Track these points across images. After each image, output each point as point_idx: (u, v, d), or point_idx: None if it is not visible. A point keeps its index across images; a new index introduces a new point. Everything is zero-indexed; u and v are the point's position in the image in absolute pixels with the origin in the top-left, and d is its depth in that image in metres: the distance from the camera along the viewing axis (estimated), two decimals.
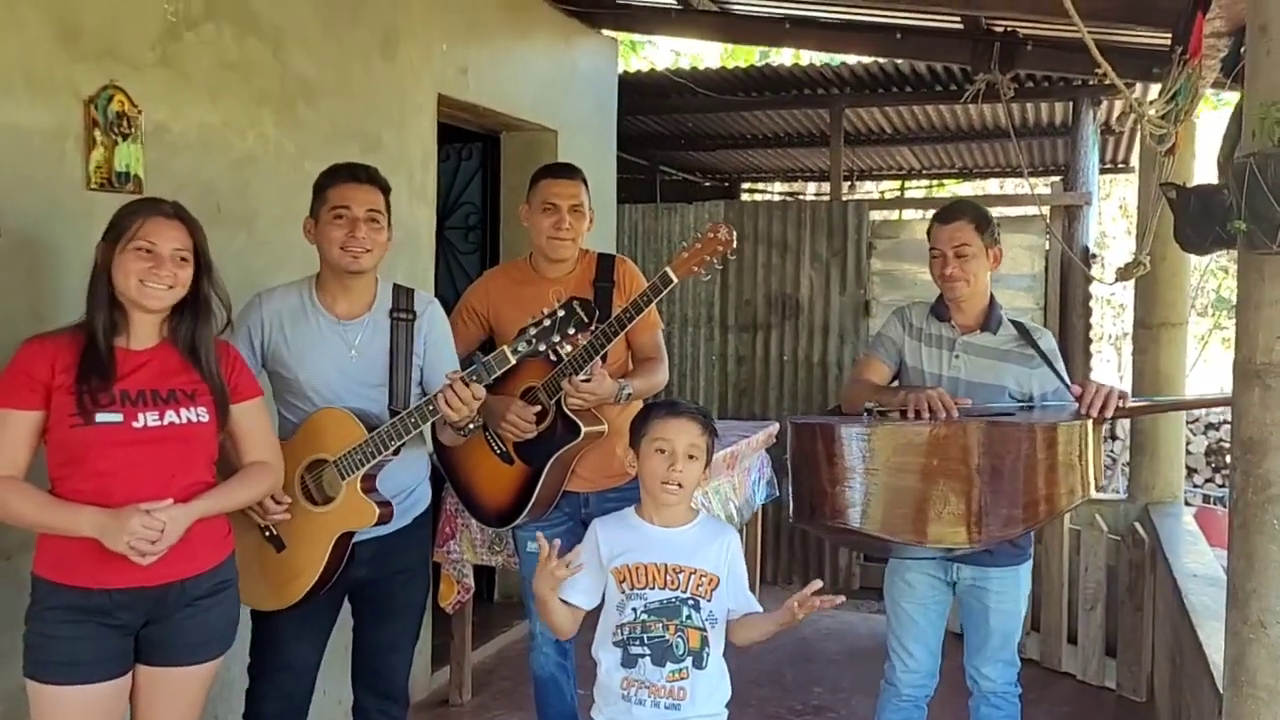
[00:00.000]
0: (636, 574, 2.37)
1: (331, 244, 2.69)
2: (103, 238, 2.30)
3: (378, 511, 2.65)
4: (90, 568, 2.22)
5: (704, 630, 2.36)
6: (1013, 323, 3.05)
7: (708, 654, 2.36)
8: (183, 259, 2.31)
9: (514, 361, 2.59)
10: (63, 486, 2.25)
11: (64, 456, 2.24)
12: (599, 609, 2.43)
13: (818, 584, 2.31)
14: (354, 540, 2.70)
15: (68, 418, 2.21)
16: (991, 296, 3.06)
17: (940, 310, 3.07)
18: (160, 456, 2.28)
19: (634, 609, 2.35)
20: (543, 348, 2.57)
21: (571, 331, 2.55)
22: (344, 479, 2.63)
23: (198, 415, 2.34)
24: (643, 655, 2.34)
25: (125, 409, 2.25)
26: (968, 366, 2.98)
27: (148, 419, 2.27)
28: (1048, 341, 3.01)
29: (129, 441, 2.25)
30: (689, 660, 2.34)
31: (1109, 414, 2.72)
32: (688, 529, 2.43)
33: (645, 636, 2.34)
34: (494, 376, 2.61)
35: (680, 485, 2.37)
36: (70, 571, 2.23)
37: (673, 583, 2.36)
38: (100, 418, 2.22)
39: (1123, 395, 2.76)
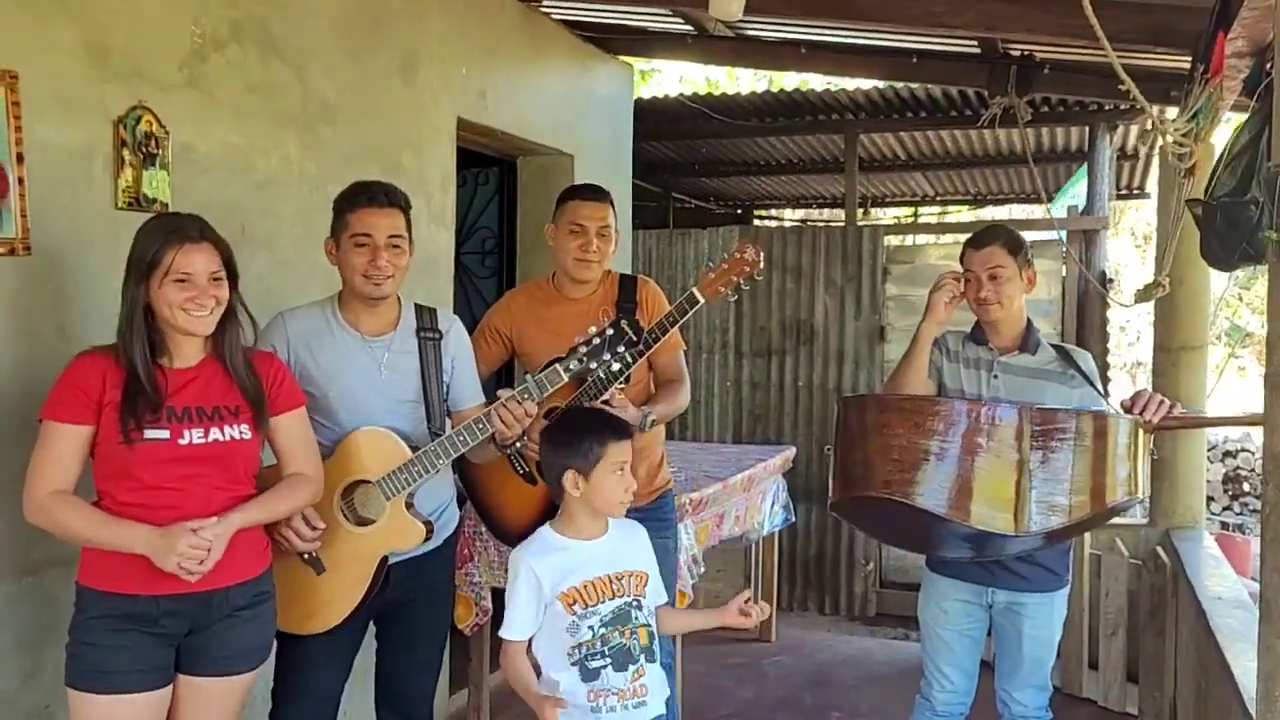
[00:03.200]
0: (586, 592, 2.40)
1: (354, 271, 2.69)
2: (132, 273, 2.30)
3: (424, 530, 2.65)
4: (138, 575, 2.24)
5: (649, 625, 2.46)
6: (1052, 345, 3.05)
7: (654, 647, 2.46)
8: (217, 279, 2.34)
9: (565, 379, 2.62)
10: (108, 500, 2.28)
11: (111, 470, 2.27)
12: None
13: (746, 594, 2.46)
14: (390, 563, 2.69)
15: (116, 433, 2.24)
16: (1028, 319, 3.06)
17: (977, 334, 3.07)
18: (204, 472, 2.31)
19: (590, 626, 2.38)
20: (593, 365, 2.60)
21: (621, 350, 2.59)
22: (388, 499, 2.63)
23: (240, 432, 2.37)
24: (603, 666, 2.38)
25: (171, 426, 2.29)
26: (1007, 386, 2.97)
27: (193, 436, 2.31)
28: (1087, 362, 3.01)
29: (175, 458, 2.28)
30: (643, 658, 2.42)
31: (1159, 418, 2.71)
32: (611, 535, 2.51)
33: (605, 649, 2.38)
34: (546, 394, 2.64)
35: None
36: (117, 579, 2.26)
37: (619, 590, 2.43)
38: (148, 434, 2.26)
39: (1173, 404, 2.76)
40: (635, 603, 2.43)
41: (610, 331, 2.59)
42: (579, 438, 2.44)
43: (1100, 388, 2.97)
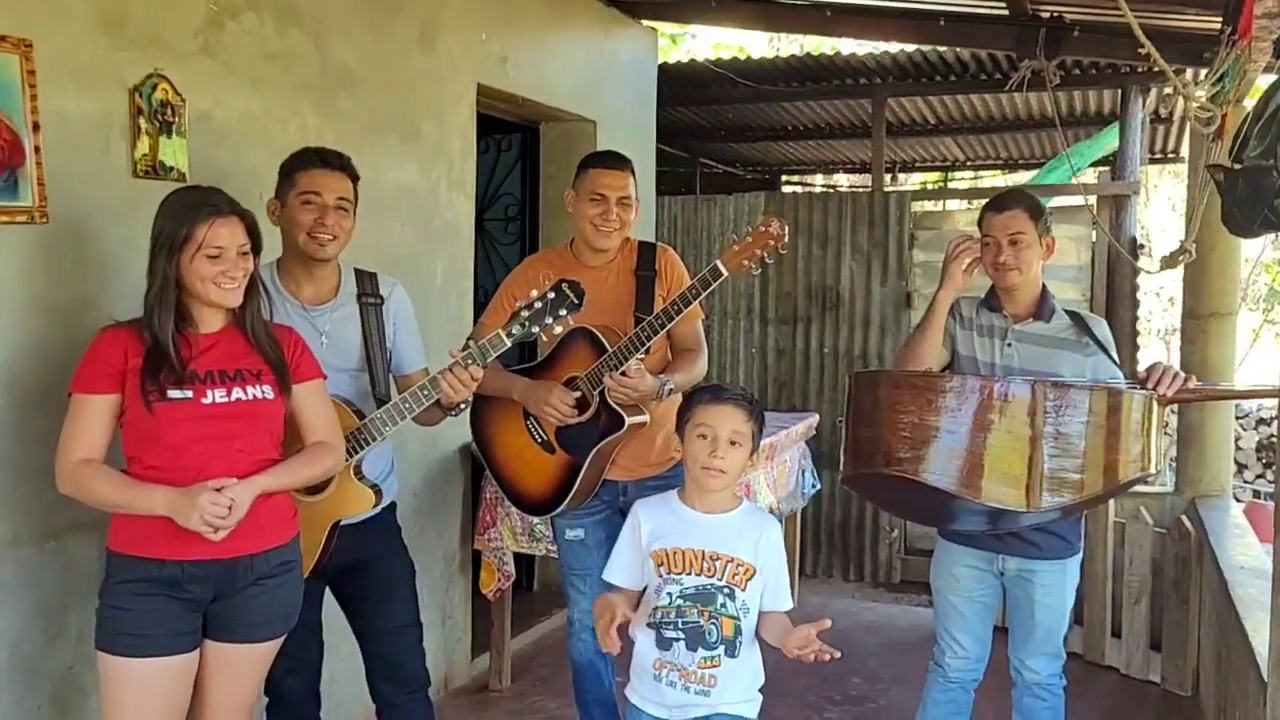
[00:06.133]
0: (674, 558, 2.38)
1: (299, 229, 2.70)
2: (161, 248, 2.32)
3: (374, 495, 2.69)
4: (164, 540, 2.28)
5: (738, 619, 2.36)
6: (1067, 312, 3.02)
7: (740, 643, 2.37)
8: (244, 252, 2.38)
9: (509, 344, 2.62)
10: (136, 465, 2.32)
11: (137, 435, 2.31)
12: None
13: (826, 623, 2.31)
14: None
15: (140, 396, 2.28)
16: (1044, 286, 3.02)
17: (992, 301, 3.03)
18: (228, 432, 2.34)
19: (670, 593, 2.36)
20: (535, 329, 2.61)
21: (563, 313, 2.60)
22: None
23: (263, 392, 2.41)
24: (677, 639, 2.35)
25: (195, 387, 2.33)
26: (1021, 354, 2.95)
27: (216, 395, 2.35)
28: (1102, 329, 2.97)
29: (198, 417, 2.32)
30: (722, 648, 2.35)
31: (1174, 390, 2.68)
32: (728, 516, 2.44)
33: (680, 621, 2.35)
34: (490, 359, 2.65)
35: (722, 471, 2.37)
36: (145, 544, 2.30)
37: (709, 569, 2.37)
38: (171, 394, 2.30)
39: (1188, 377, 2.72)
40: (726, 590, 2.35)
41: (551, 295, 2.60)
42: (687, 396, 2.52)
43: (1114, 355, 2.93)
